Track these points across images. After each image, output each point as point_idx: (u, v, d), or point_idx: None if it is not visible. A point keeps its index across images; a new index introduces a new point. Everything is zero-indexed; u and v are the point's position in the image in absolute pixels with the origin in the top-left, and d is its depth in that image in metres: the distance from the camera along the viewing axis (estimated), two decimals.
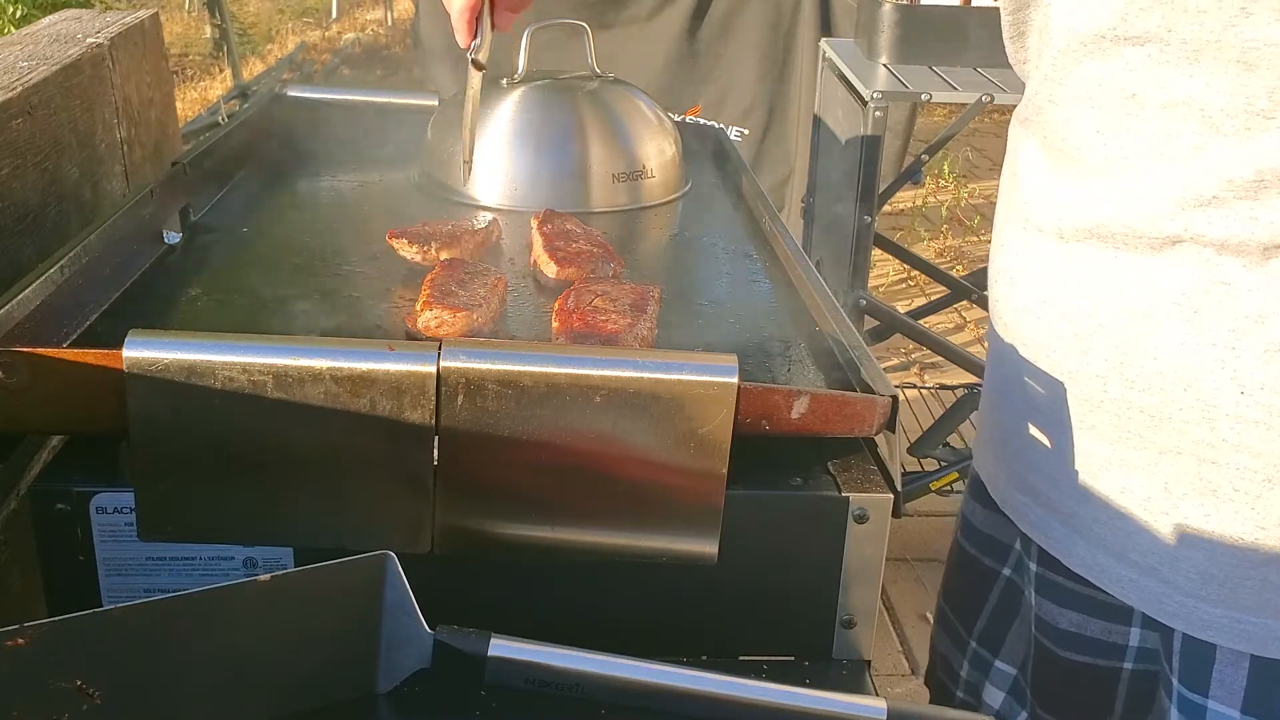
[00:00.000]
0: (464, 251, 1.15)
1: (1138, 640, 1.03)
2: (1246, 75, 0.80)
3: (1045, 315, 0.97)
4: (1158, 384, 0.89)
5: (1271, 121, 0.80)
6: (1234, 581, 0.90)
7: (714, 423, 0.76)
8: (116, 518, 0.81)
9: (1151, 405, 0.90)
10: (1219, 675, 0.93)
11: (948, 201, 5.13)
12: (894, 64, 2.42)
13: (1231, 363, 0.86)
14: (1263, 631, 0.90)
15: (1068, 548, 1.00)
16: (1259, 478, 0.87)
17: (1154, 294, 0.88)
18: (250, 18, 8.53)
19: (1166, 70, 0.84)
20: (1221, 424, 0.87)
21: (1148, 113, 0.86)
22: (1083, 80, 0.90)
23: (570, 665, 0.73)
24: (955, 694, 1.21)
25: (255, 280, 1.14)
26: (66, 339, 0.96)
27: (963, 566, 1.20)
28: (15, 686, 0.64)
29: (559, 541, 0.79)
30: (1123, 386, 0.91)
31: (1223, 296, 0.85)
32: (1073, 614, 1.05)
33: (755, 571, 0.84)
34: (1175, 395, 0.89)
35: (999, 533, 1.13)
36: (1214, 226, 0.84)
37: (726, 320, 1.09)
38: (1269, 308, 0.84)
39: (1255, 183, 0.81)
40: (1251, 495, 0.87)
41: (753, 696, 0.73)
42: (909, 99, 2.45)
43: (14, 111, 1.13)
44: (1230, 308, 0.85)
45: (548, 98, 1.41)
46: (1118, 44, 0.86)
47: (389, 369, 0.74)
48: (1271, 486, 0.87)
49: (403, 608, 0.73)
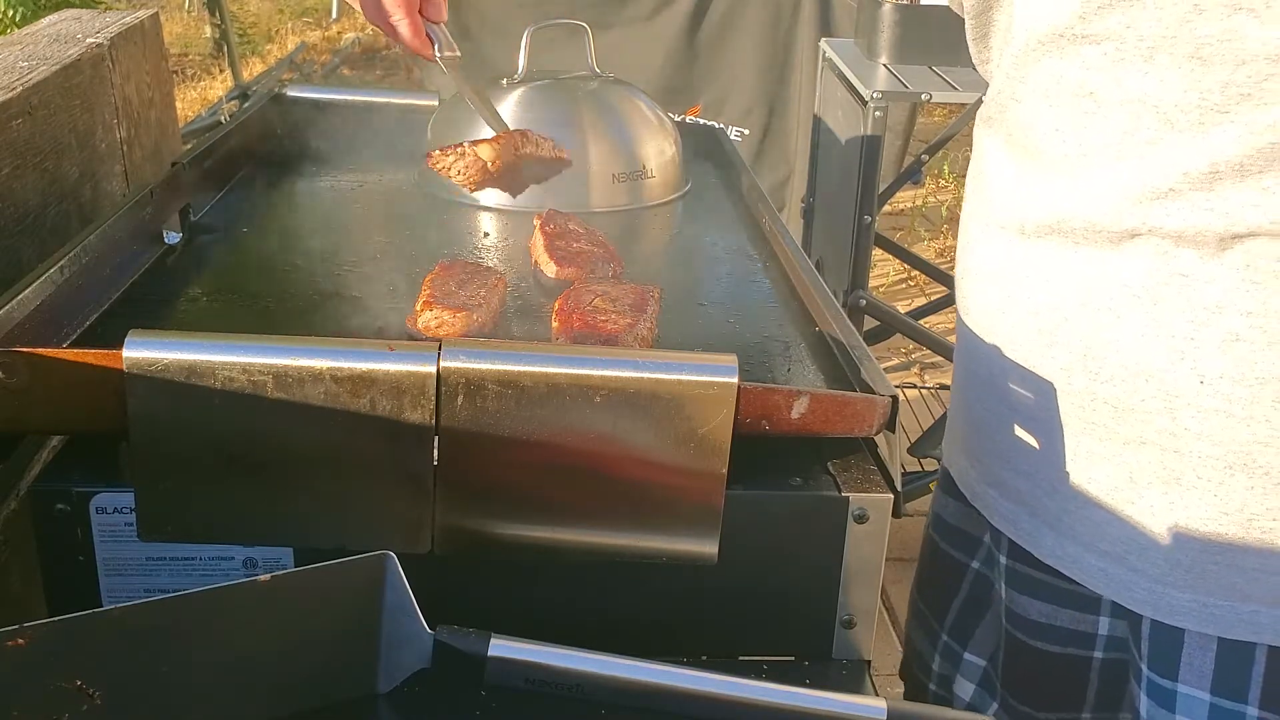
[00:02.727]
0: (501, 151, 1.18)
1: (1107, 629, 1.05)
2: (1200, 70, 0.82)
3: (1010, 311, 0.99)
4: (1120, 376, 0.91)
5: (1224, 115, 0.82)
6: (1200, 567, 0.91)
7: (714, 423, 0.76)
8: (116, 518, 0.81)
9: (1115, 397, 0.92)
10: (1188, 659, 0.95)
11: (948, 201, 5.13)
12: (894, 64, 2.42)
13: (1191, 353, 0.87)
14: (1229, 614, 0.92)
15: (1037, 539, 1.01)
16: (1220, 465, 0.89)
17: (1114, 287, 0.90)
18: (250, 18, 8.52)
19: (1123, 68, 0.85)
20: (1183, 414, 0.89)
21: (1105, 110, 0.87)
22: (1042, 79, 0.92)
23: (570, 665, 0.73)
24: (928, 686, 1.22)
25: (255, 280, 1.14)
26: (66, 339, 0.96)
27: (934, 560, 1.21)
28: (15, 686, 0.64)
29: (559, 541, 0.79)
30: (1087, 379, 0.93)
31: (1181, 288, 0.87)
32: (1043, 605, 1.06)
33: (755, 571, 0.84)
34: (1138, 386, 0.90)
35: (969, 526, 1.15)
36: (1171, 218, 0.85)
37: (726, 320, 1.09)
38: (1225, 298, 0.85)
39: (1209, 175, 0.83)
40: (1214, 483, 0.89)
41: (753, 696, 0.73)
42: (909, 99, 2.45)
43: (14, 111, 1.13)
44: (1188, 299, 0.87)
45: (548, 98, 1.40)
46: (1075, 42, 0.88)
47: (389, 369, 0.74)
48: (1232, 473, 0.89)
49: (403, 608, 0.73)
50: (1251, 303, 0.85)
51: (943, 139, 2.51)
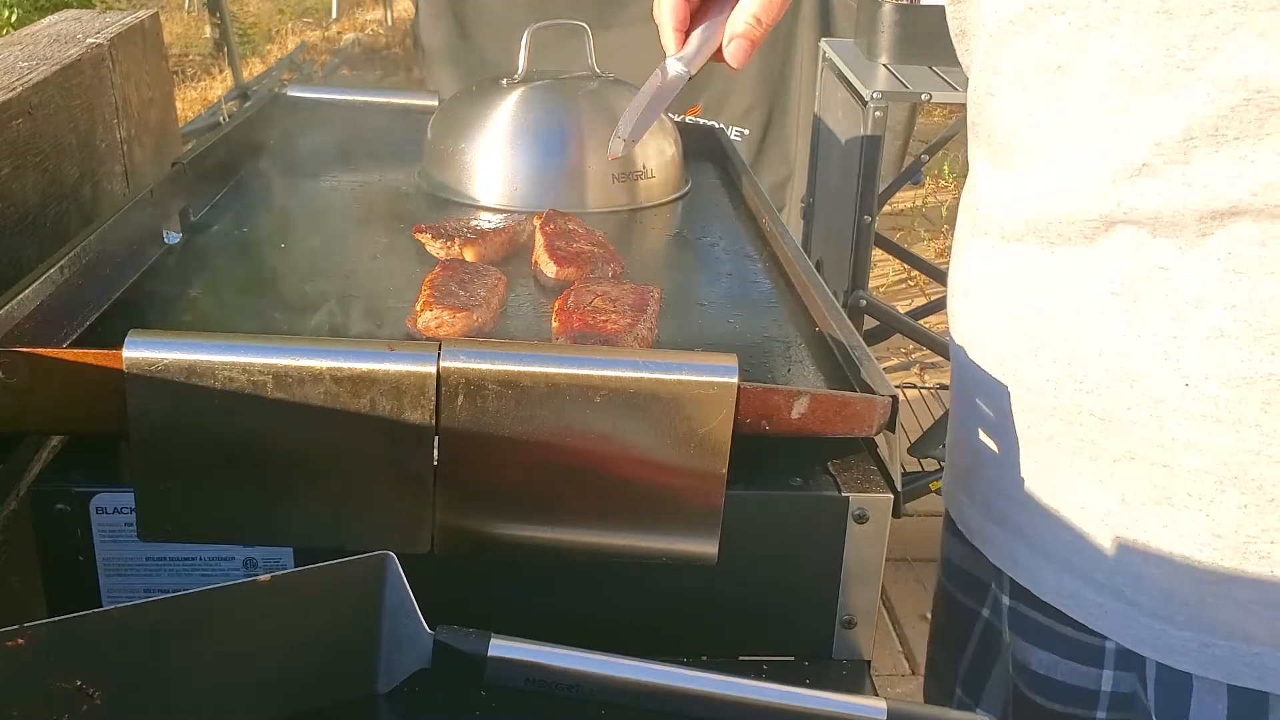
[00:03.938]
0: (489, 249, 1.15)
1: (1111, 684, 0.99)
2: (1166, 25, 0.78)
3: (995, 321, 0.96)
4: (1104, 383, 0.88)
5: (1191, 73, 0.78)
6: (1196, 600, 0.87)
7: (714, 423, 0.76)
8: (116, 518, 0.81)
9: (1101, 407, 0.88)
10: (1198, 706, 0.89)
11: (948, 201, 5.13)
12: (894, 64, 2.42)
13: (1174, 353, 0.84)
14: (1232, 656, 0.86)
15: (1036, 575, 0.97)
16: (1210, 480, 0.85)
17: (1094, 286, 0.87)
18: (250, 18, 8.52)
19: (1088, 34, 0.82)
20: (1170, 420, 0.85)
21: (1071, 81, 0.84)
22: (1013, 63, 0.89)
23: (570, 665, 0.73)
24: None
25: (255, 280, 1.14)
26: (66, 339, 0.96)
27: (945, 608, 1.16)
28: (15, 686, 0.64)
29: (559, 541, 0.79)
30: (1073, 388, 0.90)
31: (1160, 282, 0.83)
32: (1043, 653, 1.01)
33: (755, 571, 0.84)
34: (1122, 393, 0.87)
35: (975, 569, 1.09)
36: (1146, 198, 0.82)
37: (726, 320, 1.09)
38: (1206, 291, 0.82)
39: (1184, 142, 0.79)
40: (1205, 500, 0.85)
41: (753, 696, 0.73)
42: (909, 99, 2.45)
43: (14, 111, 1.13)
44: (1168, 294, 0.83)
45: (548, 98, 1.41)
46: (1043, 15, 0.85)
47: (389, 369, 0.74)
48: (1223, 489, 0.84)
49: (403, 608, 0.73)
50: (1235, 295, 0.81)
51: (943, 139, 2.51)
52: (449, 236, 1.15)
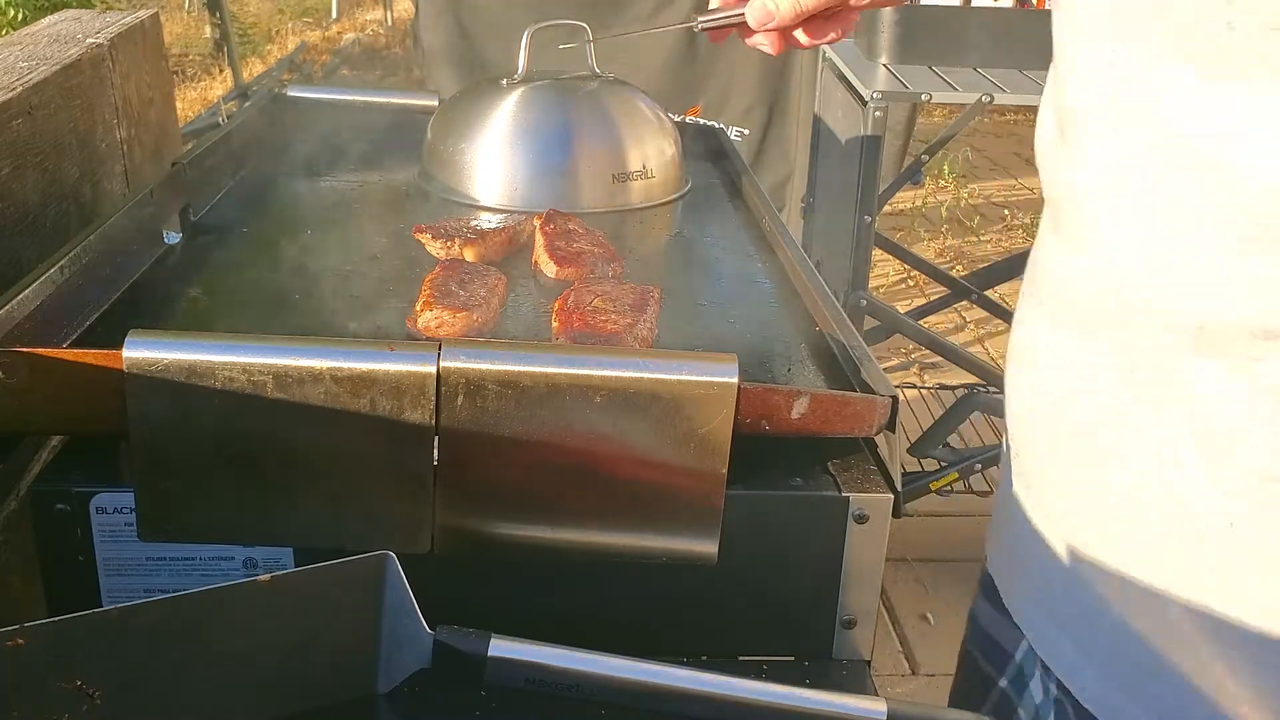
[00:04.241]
0: (489, 249, 1.15)
1: None
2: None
3: (1040, 405, 0.86)
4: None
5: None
6: None
7: (714, 423, 0.76)
8: (116, 518, 0.81)
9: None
10: None
11: (948, 201, 5.13)
12: (894, 64, 2.42)
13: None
14: None
15: (1078, 675, 0.87)
16: (1256, 609, 0.74)
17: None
18: (250, 18, 8.51)
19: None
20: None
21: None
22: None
23: (570, 665, 0.73)
24: None
25: (255, 280, 1.14)
26: (66, 339, 0.95)
27: (965, 669, 1.07)
28: (15, 686, 0.64)
29: (559, 541, 0.79)
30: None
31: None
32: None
33: (755, 572, 0.84)
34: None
35: (1001, 635, 0.99)
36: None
37: (726, 320, 1.09)
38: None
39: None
40: (1259, 634, 0.74)
41: (753, 696, 0.73)
42: (909, 99, 2.45)
43: (14, 111, 1.13)
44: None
45: (548, 98, 1.40)
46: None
47: (389, 369, 0.74)
48: (1272, 621, 0.74)
49: (403, 608, 0.73)
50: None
51: (943, 139, 2.51)
52: (449, 236, 1.15)
